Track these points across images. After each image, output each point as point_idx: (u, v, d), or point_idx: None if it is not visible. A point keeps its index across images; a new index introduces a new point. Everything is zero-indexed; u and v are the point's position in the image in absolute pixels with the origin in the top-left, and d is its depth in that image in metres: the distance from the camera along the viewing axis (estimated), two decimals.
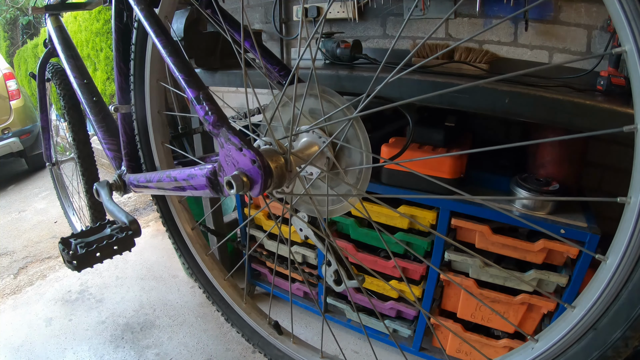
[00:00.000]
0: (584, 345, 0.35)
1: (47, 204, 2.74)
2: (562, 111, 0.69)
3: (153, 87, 0.72)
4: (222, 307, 0.85)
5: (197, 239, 0.87)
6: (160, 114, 0.75)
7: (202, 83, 0.50)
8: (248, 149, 0.45)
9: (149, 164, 0.79)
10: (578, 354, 0.36)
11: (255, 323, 0.79)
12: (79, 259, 0.59)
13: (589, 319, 0.35)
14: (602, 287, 0.33)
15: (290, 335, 0.76)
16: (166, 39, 0.54)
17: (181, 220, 0.85)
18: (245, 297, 0.82)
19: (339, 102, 0.50)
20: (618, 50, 0.29)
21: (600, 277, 0.34)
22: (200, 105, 0.48)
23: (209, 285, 0.86)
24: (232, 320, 0.83)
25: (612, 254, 0.33)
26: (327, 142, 0.50)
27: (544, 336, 0.39)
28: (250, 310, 0.81)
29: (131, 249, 0.64)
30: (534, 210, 0.90)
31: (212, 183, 0.50)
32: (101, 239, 0.61)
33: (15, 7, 5.28)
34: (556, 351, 0.37)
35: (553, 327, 0.38)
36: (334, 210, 0.56)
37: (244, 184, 0.44)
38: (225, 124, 0.47)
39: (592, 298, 0.34)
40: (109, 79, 3.19)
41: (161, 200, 0.85)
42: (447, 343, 1.16)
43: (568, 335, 0.36)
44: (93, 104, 0.90)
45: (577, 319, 0.35)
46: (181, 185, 0.56)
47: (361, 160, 0.50)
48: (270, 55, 0.70)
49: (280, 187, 0.49)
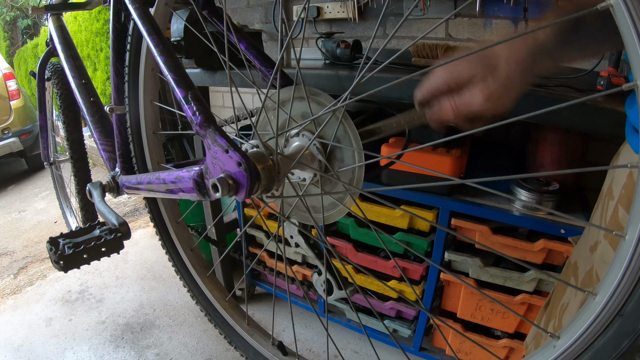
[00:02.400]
0: (612, 334, 0.32)
1: (47, 204, 2.74)
2: (562, 111, 0.69)
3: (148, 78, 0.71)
4: (224, 330, 0.83)
5: (196, 260, 0.85)
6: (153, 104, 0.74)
7: (191, 83, 0.49)
8: (234, 150, 0.43)
9: (139, 158, 0.78)
10: (606, 346, 0.33)
11: (258, 344, 0.77)
12: (65, 259, 0.58)
13: (613, 305, 0.32)
14: (624, 267, 0.31)
15: (295, 356, 0.73)
16: (158, 38, 0.53)
17: (180, 242, 0.85)
18: (247, 318, 0.80)
19: (327, 101, 0.49)
20: (629, 86, 0.27)
21: (620, 257, 0.31)
22: (188, 105, 0.47)
23: (210, 308, 0.84)
24: (235, 343, 0.81)
25: (630, 229, 0.31)
26: (313, 138, 0.49)
27: (566, 331, 0.36)
28: (253, 331, 0.79)
29: (119, 251, 0.64)
30: (534, 210, 0.90)
31: (199, 185, 0.49)
32: (89, 240, 0.61)
33: (15, 6, 5.28)
34: (581, 345, 0.34)
35: (575, 320, 0.35)
36: (329, 216, 0.55)
37: (229, 187, 0.43)
38: (212, 125, 0.46)
39: (614, 281, 0.31)
40: (109, 79, 3.19)
41: (160, 222, 0.84)
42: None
43: (592, 326, 0.33)
44: (90, 104, 0.90)
45: (600, 306, 0.32)
46: (170, 187, 0.55)
47: (354, 158, 0.49)
48: (266, 58, 0.70)
49: (269, 191, 0.48)
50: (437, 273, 1.06)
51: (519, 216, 0.90)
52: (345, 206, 0.51)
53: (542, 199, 0.89)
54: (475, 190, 1.01)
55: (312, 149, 0.51)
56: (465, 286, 1.01)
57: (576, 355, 0.35)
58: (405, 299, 1.19)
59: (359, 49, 1.15)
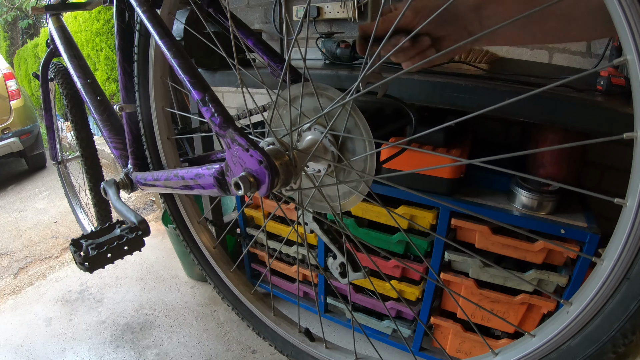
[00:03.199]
0: (620, 298, 0.33)
1: (47, 204, 2.74)
2: (562, 111, 0.69)
3: (157, 86, 0.72)
4: (252, 322, 0.84)
5: (220, 257, 0.86)
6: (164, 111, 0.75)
7: (207, 84, 0.50)
8: (255, 149, 0.45)
9: (155, 163, 0.79)
10: (616, 309, 0.34)
11: (286, 333, 0.78)
12: (91, 260, 0.59)
13: (620, 269, 0.33)
14: (627, 233, 0.32)
15: (322, 341, 0.75)
16: (170, 41, 0.54)
17: (203, 241, 0.86)
18: (273, 308, 0.81)
19: (335, 95, 0.51)
20: (620, 60, 0.28)
21: (622, 223, 0.32)
22: (206, 107, 0.48)
23: (237, 302, 0.85)
24: (263, 334, 0.82)
25: (630, 196, 0.32)
26: (325, 132, 0.50)
27: (576, 298, 0.37)
28: (279, 320, 0.80)
29: (141, 249, 0.65)
30: (534, 210, 0.90)
31: (220, 183, 0.51)
32: (111, 240, 0.62)
33: (15, 7, 5.28)
34: (593, 309, 0.35)
35: (585, 285, 0.36)
36: (345, 204, 0.57)
37: (251, 185, 0.45)
38: (232, 125, 0.47)
39: (618, 246, 0.33)
40: (109, 79, 3.19)
41: (182, 226, 0.86)
42: (447, 343, 1.16)
43: (602, 291, 0.34)
44: (97, 102, 0.90)
45: (608, 271, 0.33)
46: (189, 184, 0.56)
47: (365, 149, 0.50)
48: (274, 53, 0.71)
49: (288, 185, 0.49)
50: (437, 273, 1.06)
51: (519, 216, 0.90)
52: (361, 193, 0.53)
53: (542, 199, 0.89)
54: (476, 190, 1.01)
55: (324, 141, 0.52)
56: (465, 286, 1.01)
57: (588, 319, 0.36)
58: (405, 299, 1.20)
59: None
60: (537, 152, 0.98)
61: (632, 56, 0.28)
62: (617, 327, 0.34)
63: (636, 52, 0.28)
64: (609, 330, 0.34)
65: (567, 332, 0.38)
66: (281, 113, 0.57)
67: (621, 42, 0.29)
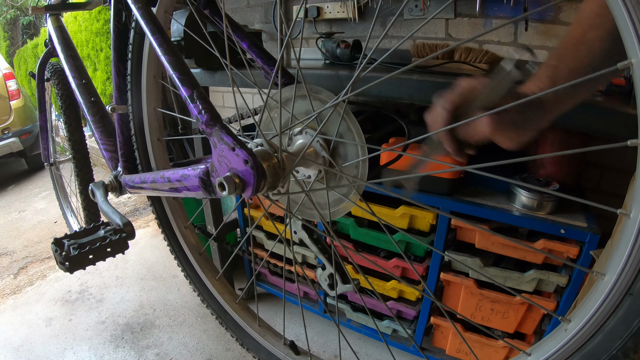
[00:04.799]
0: (622, 315, 0.32)
1: (47, 204, 2.74)
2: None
3: (150, 85, 0.71)
4: (236, 332, 0.82)
5: (205, 264, 0.85)
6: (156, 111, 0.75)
7: (196, 82, 0.50)
8: (241, 148, 0.44)
9: (144, 165, 0.78)
10: (617, 327, 0.32)
11: (270, 345, 0.76)
12: (71, 260, 0.58)
13: (622, 284, 0.31)
14: (630, 246, 0.30)
15: (307, 354, 0.73)
16: (162, 38, 0.53)
17: (188, 246, 0.85)
18: (258, 320, 0.80)
19: (328, 98, 0.49)
20: (625, 64, 0.28)
21: (626, 235, 0.30)
22: (194, 103, 0.48)
23: (221, 311, 0.84)
24: (247, 345, 0.80)
25: (634, 207, 0.30)
26: (315, 135, 0.49)
27: (576, 314, 0.35)
28: (264, 332, 0.78)
29: (124, 252, 0.64)
30: (534, 210, 0.90)
31: (205, 184, 0.50)
32: (94, 241, 0.61)
33: (15, 6, 5.28)
34: (593, 327, 0.34)
35: (585, 301, 0.34)
36: (335, 212, 0.55)
37: (236, 186, 0.43)
38: (219, 123, 0.46)
39: (621, 260, 0.31)
40: (109, 79, 3.19)
41: (167, 228, 0.85)
42: (447, 343, 1.16)
43: (603, 307, 0.32)
44: (91, 104, 0.90)
45: (610, 286, 0.32)
46: (175, 186, 0.55)
47: (357, 154, 0.49)
48: (268, 56, 0.70)
49: (275, 188, 0.48)
50: (437, 273, 1.06)
51: (519, 216, 0.90)
52: (351, 201, 0.51)
53: (542, 199, 0.89)
54: (476, 190, 1.01)
55: (315, 146, 0.51)
56: (465, 286, 1.01)
57: (588, 337, 0.34)
58: (405, 299, 1.20)
59: (359, 49, 1.15)
60: (537, 144, 0.98)
61: (637, 59, 0.27)
62: (618, 346, 0.32)
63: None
64: (610, 349, 0.33)
65: (564, 350, 0.36)
66: (272, 116, 0.56)
67: (625, 45, 0.28)
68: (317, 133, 0.49)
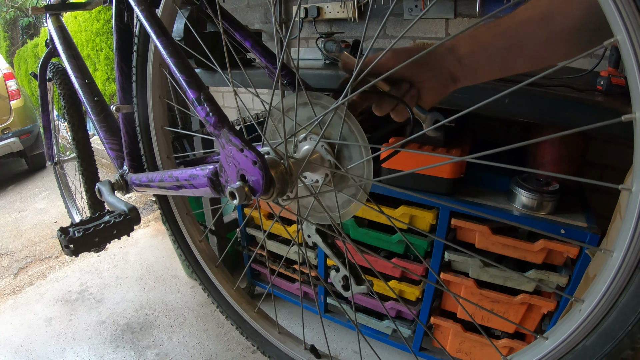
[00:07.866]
0: (634, 290, 0.32)
1: (47, 204, 2.74)
2: (562, 111, 0.69)
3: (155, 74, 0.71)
4: (257, 341, 0.81)
5: (222, 275, 0.85)
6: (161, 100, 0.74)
7: (202, 84, 0.50)
8: (249, 149, 0.44)
9: (148, 154, 0.78)
10: (630, 302, 0.32)
11: (291, 350, 0.76)
12: (75, 242, 0.58)
13: (631, 260, 0.31)
14: (635, 221, 0.30)
15: (329, 357, 0.73)
16: (167, 40, 0.53)
17: (204, 260, 0.85)
18: (278, 326, 0.79)
19: (329, 103, 0.50)
20: (611, 41, 0.28)
21: (630, 211, 0.31)
22: (201, 106, 0.48)
23: (241, 321, 0.83)
24: (268, 353, 0.80)
25: (636, 182, 0.30)
26: (318, 139, 0.49)
27: (588, 294, 0.35)
28: (284, 338, 0.78)
29: (129, 234, 0.64)
30: (534, 210, 0.90)
31: (214, 183, 0.50)
32: (99, 224, 0.61)
33: (15, 6, 5.28)
34: (606, 305, 0.34)
35: (597, 281, 0.34)
36: (344, 213, 0.56)
37: (246, 195, 0.45)
38: (227, 125, 0.47)
39: (627, 234, 0.31)
40: (109, 79, 3.19)
41: (183, 243, 0.85)
42: (447, 343, 1.16)
43: (614, 284, 0.33)
44: (94, 103, 0.90)
45: (619, 262, 0.32)
46: (182, 185, 0.55)
47: (361, 154, 0.49)
48: (271, 55, 0.70)
49: (284, 194, 0.48)
50: (436, 273, 1.06)
51: (519, 216, 0.90)
52: (359, 201, 0.52)
53: (542, 199, 0.89)
54: (476, 190, 1.01)
55: (320, 150, 0.51)
56: (465, 286, 1.01)
57: (602, 315, 0.34)
58: (405, 299, 1.20)
59: (359, 49, 1.15)
60: (537, 143, 0.98)
61: (622, 36, 0.28)
62: (633, 321, 0.32)
63: (626, 31, 0.27)
64: (625, 324, 0.33)
65: (581, 331, 0.36)
66: (276, 124, 0.57)
67: (610, 23, 0.28)
68: (320, 137, 0.49)
